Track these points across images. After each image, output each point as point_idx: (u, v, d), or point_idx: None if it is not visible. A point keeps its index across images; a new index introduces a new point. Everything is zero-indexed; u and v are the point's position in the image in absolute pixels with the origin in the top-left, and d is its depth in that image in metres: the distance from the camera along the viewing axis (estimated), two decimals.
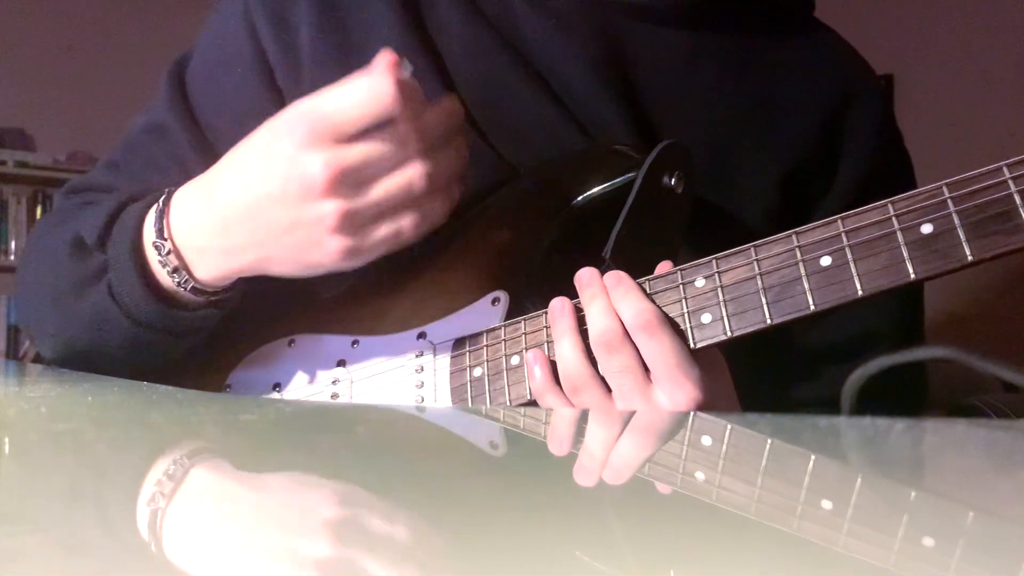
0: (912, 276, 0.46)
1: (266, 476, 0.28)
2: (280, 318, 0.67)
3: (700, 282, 0.52)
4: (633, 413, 0.48)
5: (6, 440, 0.33)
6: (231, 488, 0.26)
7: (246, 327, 0.67)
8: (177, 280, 0.57)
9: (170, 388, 0.51)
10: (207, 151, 0.66)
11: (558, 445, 0.36)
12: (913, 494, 0.25)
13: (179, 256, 0.56)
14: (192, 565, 0.19)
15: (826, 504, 0.24)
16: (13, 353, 3.15)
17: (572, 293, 0.54)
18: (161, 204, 0.57)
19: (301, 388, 0.64)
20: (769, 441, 0.33)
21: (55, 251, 0.63)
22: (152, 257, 0.57)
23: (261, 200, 0.52)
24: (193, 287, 0.57)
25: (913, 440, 0.33)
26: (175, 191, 0.58)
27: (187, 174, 0.66)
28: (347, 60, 0.64)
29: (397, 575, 0.18)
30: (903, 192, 0.47)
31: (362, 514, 0.23)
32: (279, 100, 0.66)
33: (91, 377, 0.60)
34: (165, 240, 0.56)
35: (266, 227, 0.53)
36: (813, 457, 0.30)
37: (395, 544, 0.20)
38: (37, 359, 0.74)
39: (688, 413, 0.49)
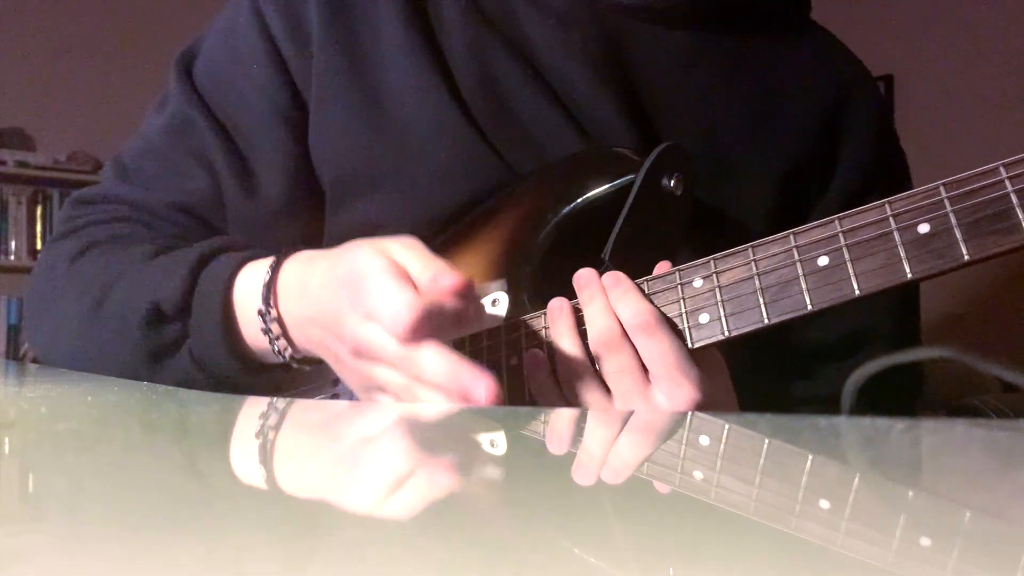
0: (909, 276, 0.46)
1: (261, 475, 0.28)
2: None
3: (698, 282, 0.52)
4: (632, 413, 0.49)
5: (6, 440, 0.33)
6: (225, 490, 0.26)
7: None
8: (277, 347, 0.55)
9: (170, 388, 0.51)
10: (230, 147, 0.66)
11: (557, 444, 0.36)
12: (912, 494, 0.25)
13: (282, 325, 0.54)
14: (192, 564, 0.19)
15: (824, 504, 0.24)
16: (13, 353, 3.14)
17: (571, 294, 0.54)
18: (270, 272, 0.54)
19: (302, 389, 0.64)
20: (767, 441, 0.33)
21: (111, 308, 0.60)
22: (245, 317, 0.55)
23: (327, 325, 0.51)
24: (291, 355, 0.55)
25: (913, 440, 0.33)
26: (283, 260, 0.55)
27: (212, 173, 0.66)
28: (352, 59, 0.65)
29: (396, 574, 0.18)
30: (900, 191, 0.48)
31: (362, 513, 0.23)
32: (296, 95, 0.66)
33: (91, 377, 0.60)
34: (271, 308, 0.54)
35: (324, 342, 0.52)
36: (812, 457, 0.30)
37: (394, 543, 0.20)
38: (37, 359, 0.73)
39: (686, 413, 0.49)
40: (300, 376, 0.63)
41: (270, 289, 0.54)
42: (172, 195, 0.66)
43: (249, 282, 0.55)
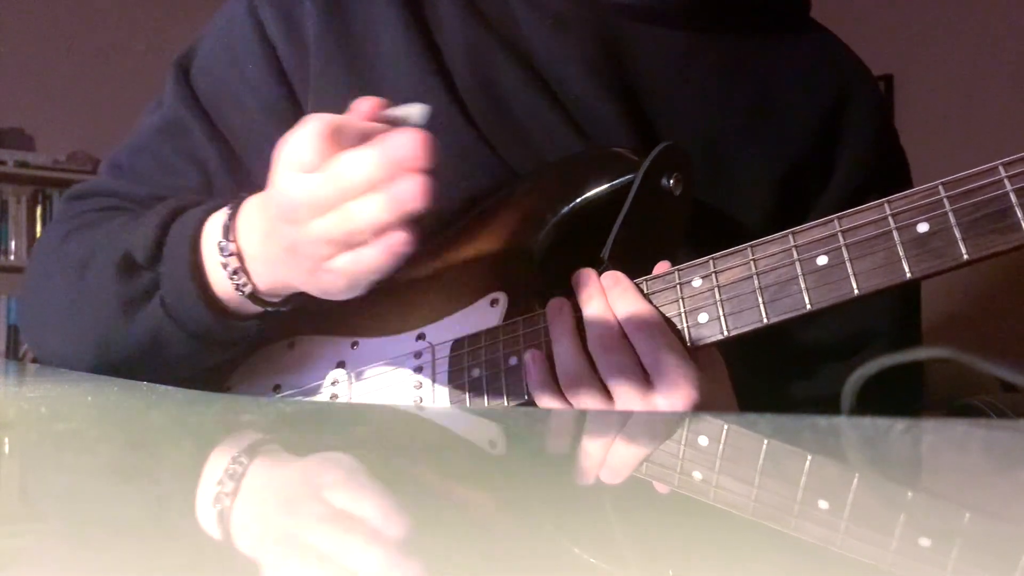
0: (908, 275, 0.46)
1: (263, 476, 0.28)
2: (281, 320, 0.67)
3: (697, 282, 0.52)
4: (631, 413, 0.49)
5: (6, 440, 0.33)
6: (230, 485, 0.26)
7: None
8: (236, 283, 0.55)
9: (170, 388, 0.51)
10: (224, 148, 0.66)
11: (556, 445, 0.36)
12: (911, 494, 0.25)
13: (240, 259, 0.55)
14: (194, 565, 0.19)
15: (823, 504, 0.24)
16: (13, 353, 3.15)
17: (571, 294, 0.54)
18: (231, 208, 0.56)
19: (301, 389, 0.64)
20: (766, 441, 0.33)
21: (85, 265, 0.62)
22: (212, 262, 0.56)
23: (275, 220, 0.51)
24: (251, 293, 0.56)
25: (913, 440, 0.33)
26: (246, 197, 0.56)
27: (205, 172, 0.66)
28: (350, 60, 0.65)
29: (396, 574, 0.18)
30: (900, 191, 0.48)
31: (362, 513, 0.23)
32: (292, 96, 0.66)
33: (91, 377, 0.60)
34: (231, 242, 0.55)
35: (279, 245, 0.52)
36: (812, 457, 0.30)
37: (394, 543, 0.20)
38: (37, 359, 0.73)
39: (685, 413, 0.49)
40: (289, 359, 0.64)
41: (230, 224, 0.55)
42: (163, 191, 0.66)
43: (214, 225, 0.57)
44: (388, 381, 0.60)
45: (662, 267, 0.54)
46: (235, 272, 0.55)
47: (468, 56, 0.64)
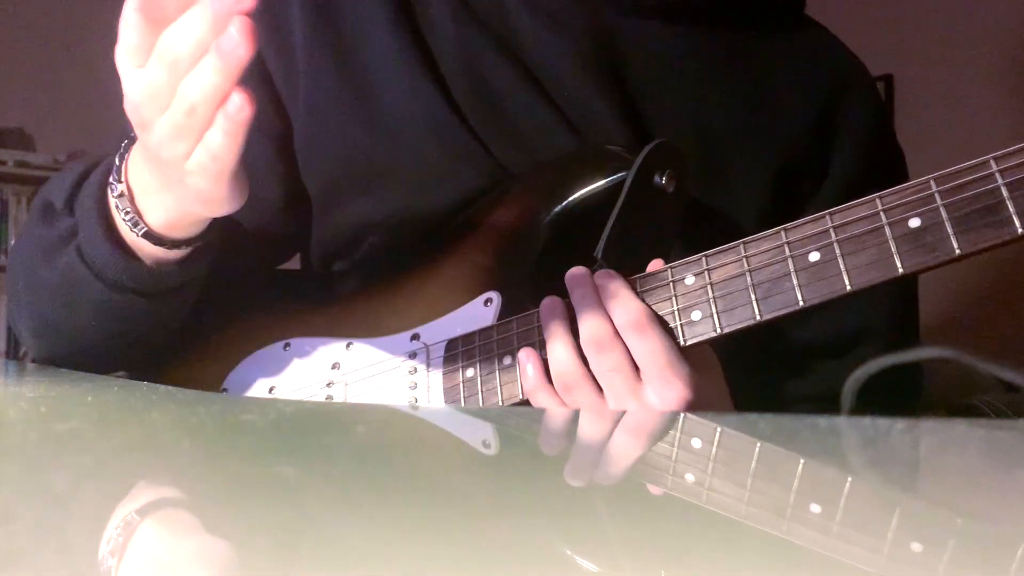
0: (900, 270, 0.46)
1: (252, 478, 0.28)
2: (275, 322, 0.67)
3: (690, 279, 0.52)
4: (624, 413, 0.49)
5: (6, 440, 0.34)
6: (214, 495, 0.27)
7: (242, 331, 0.68)
8: (129, 224, 0.54)
9: (170, 388, 0.52)
10: None
11: (550, 445, 0.36)
12: (910, 495, 0.25)
13: (131, 199, 0.54)
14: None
15: (815, 508, 0.24)
16: (13, 353, 3.14)
17: (564, 293, 0.54)
18: (123, 149, 0.55)
19: (296, 390, 0.64)
20: (758, 444, 0.33)
21: (27, 224, 0.63)
22: (112, 205, 0.56)
23: (141, 139, 0.50)
24: (146, 233, 0.55)
25: (912, 441, 0.33)
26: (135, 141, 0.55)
27: None
28: (341, 62, 0.65)
29: (390, 574, 0.18)
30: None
31: (355, 513, 0.23)
32: (279, 106, 0.66)
33: (91, 377, 0.60)
34: (120, 182, 0.54)
35: (150, 164, 0.51)
36: (812, 458, 0.30)
37: (388, 543, 0.20)
38: (36, 359, 0.74)
39: (679, 413, 0.49)
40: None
41: (119, 164, 0.55)
42: None
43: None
44: (383, 381, 0.60)
45: (655, 265, 0.54)
46: (127, 213, 0.54)
47: (460, 55, 0.64)
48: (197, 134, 0.45)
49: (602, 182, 0.59)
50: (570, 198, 0.60)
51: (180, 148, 0.46)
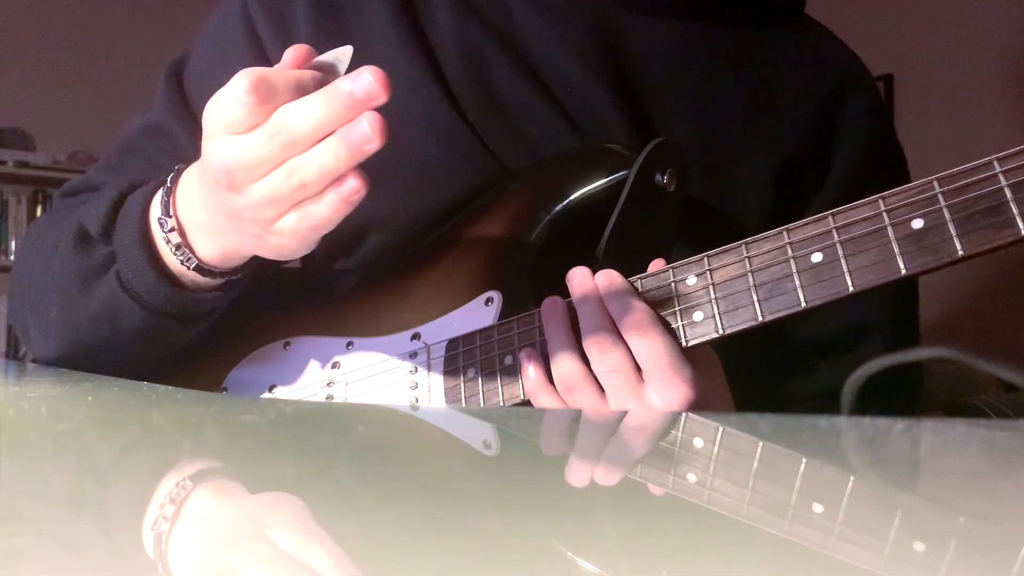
0: (903, 271, 0.46)
1: (258, 481, 0.28)
2: (276, 321, 0.67)
3: (691, 280, 0.52)
4: (625, 413, 0.48)
5: (6, 440, 0.34)
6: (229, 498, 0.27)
7: (242, 330, 0.68)
8: (180, 258, 0.55)
9: (170, 388, 0.51)
10: None
11: (551, 445, 0.36)
12: (910, 495, 0.25)
13: (182, 233, 0.55)
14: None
15: (817, 507, 0.24)
16: (13, 353, 3.14)
17: (565, 292, 0.54)
18: (169, 183, 0.56)
19: (296, 390, 0.64)
20: (760, 444, 0.33)
21: (56, 247, 0.62)
22: (158, 236, 0.56)
23: (213, 188, 0.50)
24: (197, 266, 0.55)
25: (912, 440, 0.33)
26: (184, 168, 0.56)
27: None
28: None
29: (390, 574, 0.18)
30: (897, 187, 0.47)
31: (355, 513, 0.23)
32: None
33: (91, 377, 0.60)
34: (170, 217, 0.55)
35: (220, 213, 0.51)
36: (812, 458, 0.30)
37: (388, 543, 0.20)
38: (36, 359, 0.74)
39: (680, 413, 0.49)
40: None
41: (168, 199, 0.55)
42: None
43: (157, 200, 0.56)
44: (383, 381, 0.60)
45: (657, 265, 0.54)
46: (177, 247, 0.55)
47: (460, 51, 0.64)
48: (295, 204, 0.46)
49: (603, 181, 0.59)
50: (571, 197, 0.59)
51: (270, 213, 0.47)
